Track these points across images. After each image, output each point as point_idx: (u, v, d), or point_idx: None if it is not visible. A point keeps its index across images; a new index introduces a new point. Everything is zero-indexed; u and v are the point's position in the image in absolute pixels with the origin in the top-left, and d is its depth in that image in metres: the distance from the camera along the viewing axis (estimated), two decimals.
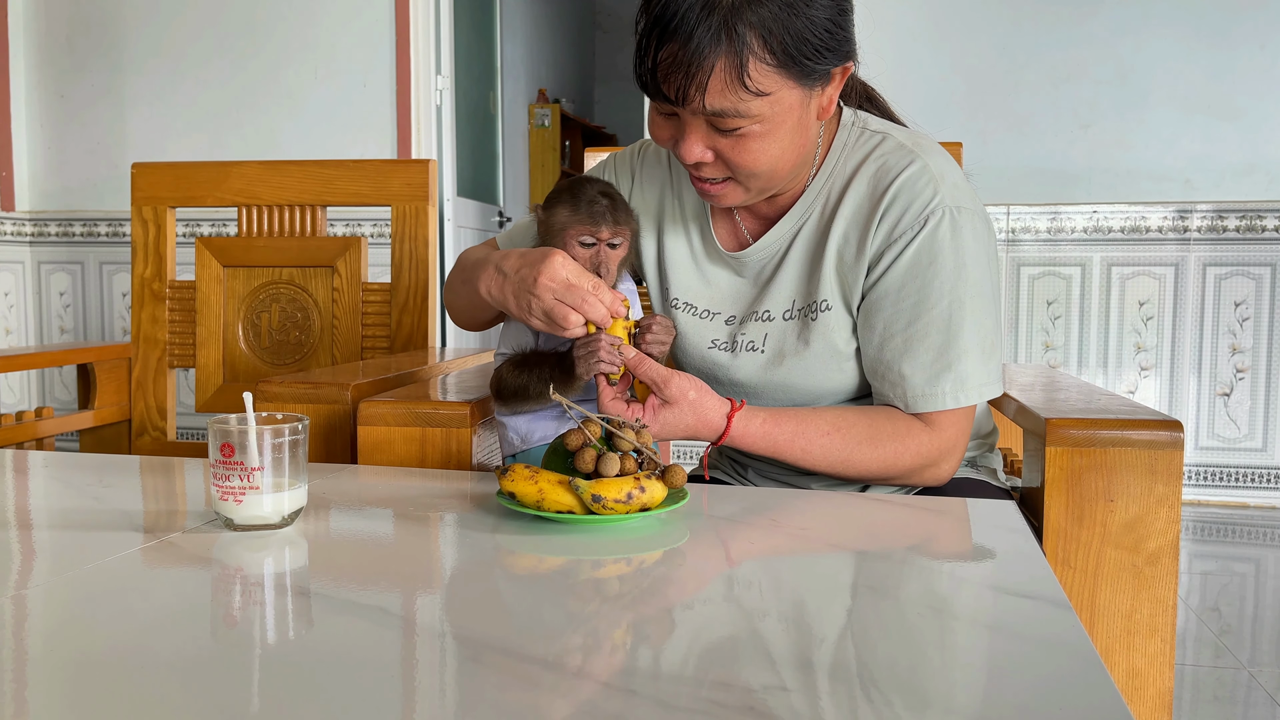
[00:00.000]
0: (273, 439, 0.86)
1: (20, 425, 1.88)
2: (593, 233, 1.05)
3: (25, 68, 4.08)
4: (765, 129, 1.00)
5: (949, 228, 1.06)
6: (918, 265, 1.06)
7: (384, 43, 3.84)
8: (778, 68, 0.97)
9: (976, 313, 1.07)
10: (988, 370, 1.08)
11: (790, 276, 1.14)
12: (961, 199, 1.07)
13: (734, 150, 1.01)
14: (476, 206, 4.66)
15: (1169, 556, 1.04)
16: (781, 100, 0.99)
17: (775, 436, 1.07)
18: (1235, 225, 3.41)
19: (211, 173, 1.90)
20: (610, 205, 1.06)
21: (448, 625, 0.67)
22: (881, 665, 0.60)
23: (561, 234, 1.06)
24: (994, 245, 1.11)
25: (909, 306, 1.07)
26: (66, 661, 0.59)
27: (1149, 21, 3.42)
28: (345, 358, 1.85)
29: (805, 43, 0.96)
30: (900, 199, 1.07)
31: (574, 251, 1.05)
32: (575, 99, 7.15)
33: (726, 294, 1.19)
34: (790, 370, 1.13)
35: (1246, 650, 2.22)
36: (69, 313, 4.17)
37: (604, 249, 1.06)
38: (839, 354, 1.12)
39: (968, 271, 1.06)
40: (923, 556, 0.85)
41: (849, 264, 1.10)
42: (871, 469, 1.08)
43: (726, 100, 0.97)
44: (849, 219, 1.10)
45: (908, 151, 1.09)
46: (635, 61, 1.00)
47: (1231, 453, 3.48)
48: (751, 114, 0.98)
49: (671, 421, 1.03)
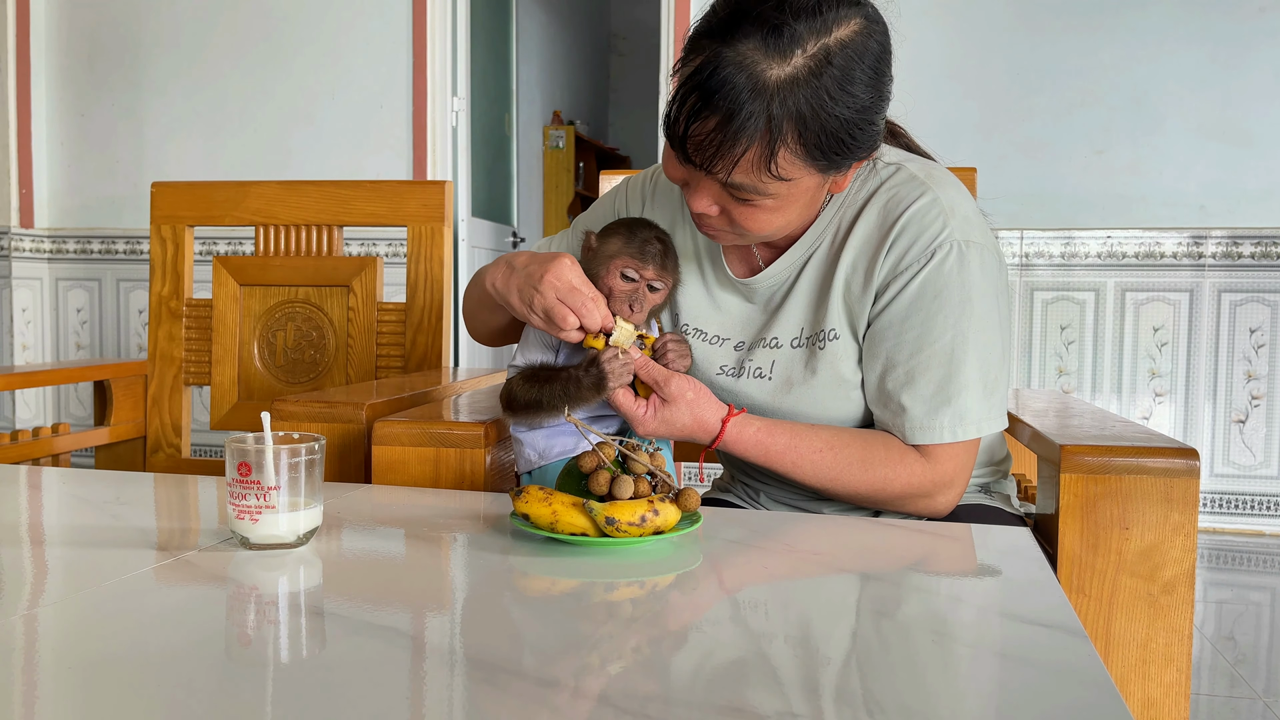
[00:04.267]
0: (289, 458, 0.86)
1: (36, 441, 1.89)
2: (639, 269, 1.06)
3: (47, 87, 4.13)
4: (777, 205, 1.01)
5: (956, 261, 1.06)
6: (923, 297, 1.06)
7: (401, 64, 3.88)
8: (805, 159, 0.97)
9: (980, 347, 1.07)
10: (989, 405, 1.08)
11: (799, 304, 1.14)
12: (971, 233, 1.07)
13: (741, 215, 1.02)
14: (491, 227, 4.68)
15: (1185, 585, 1.04)
16: (800, 184, 1.00)
17: (768, 446, 1.08)
18: (1250, 251, 3.40)
19: (230, 192, 1.92)
20: (663, 250, 1.08)
21: (460, 646, 0.67)
22: (893, 693, 0.59)
23: (609, 262, 1.07)
24: (1004, 280, 1.11)
25: (912, 338, 1.07)
26: (80, 679, 0.59)
27: (1163, 47, 3.42)
28: (360, 377, 1.86)
29: (838, 140, 0.97)
30: (909, 230, 1.07)
31: (615, 283, 1.06)
32: (590, 121, 7.18)
33: (736, 320, 1.19)
34: (798, 399, 1.13)
35: (1262, 680, 2.19)
36: (86, 329, 4.20)
37: (644, 289, 1.07)
38: (845, 383, 1.12)
39: (973, 306, 1.06)
40: (936, 582, 0.84)
41: (856, 293, 1.10)
42: (860, 490, 1.09)
43: (748, 178, 0.97)
44: (858, 248, 1.10)
45: (919, 183, 1.09)
46: (669, 112, 0.97)
47: (1247, 480, 3.46)
48: (769, 193, 0.99)
49: (669, 419, 1.05)
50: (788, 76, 0.92)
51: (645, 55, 7.25)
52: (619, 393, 1.05)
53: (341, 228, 1.90)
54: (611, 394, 1.05)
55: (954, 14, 3.51)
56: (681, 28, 3.69)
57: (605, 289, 1.07)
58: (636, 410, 1.06)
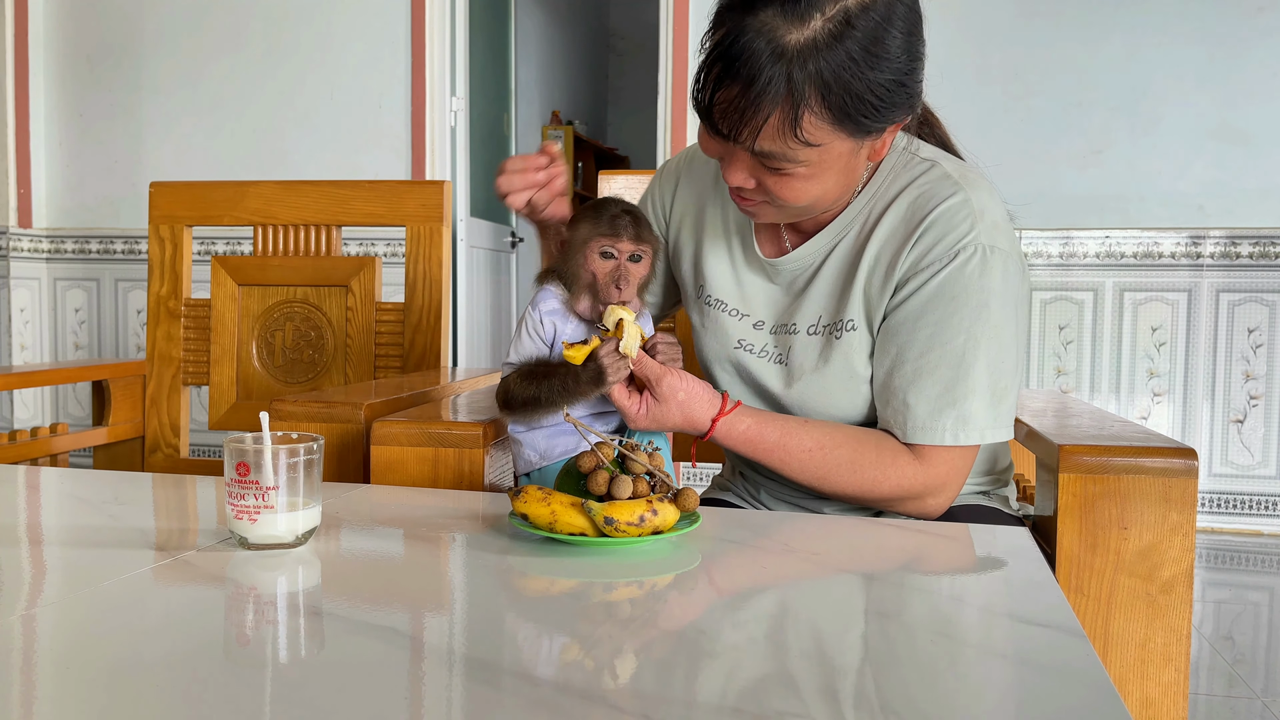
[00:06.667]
0: (288, 458, 0.86)
1: (35, 441, 1.89)
2: (614, 243, 1.06)
3: (45, 87, 4.13)
4: (810, 172, 1.01)
5: (979, 265, 1.05)
6: (940, 297, 1.06)
7: (399, 64, 3.88)
8: (832, 123, 0.97)
9: (992, 354, 1.06)
10: (995, 414, 1.07)
11: (821, 291, 1.14)
12: (997, 239, 1.06)
13: (776, 185, 1.02)
14: (489, 227, 4.68)
15: (1183, 585, 1.04)
16: (831, 150, 1.00)
17: (757, 443, 1.09)
18: (1249, 251, 3.40)
19: (228, 192, 1.92)
20: (632, 220, 1.08)
21: (459, 646, 0.67)
22: (890, 692, 0.59)
23: (584, 247, 1.07)
24: (1025, 291, 1.10)
25: (925, 336, 1.07)
26: (78, 680, 0.59)
27: (1161, 47, 3.42)
28: (358, 377, 1.85)
29: (863, 102, 0.96)
30: (935, 228, 1.06)
31: (596, 265, 1.07)
32: (588, 121, 7.18)
33: (759, 299, 1.19)
34: (806, 386, 1.13)
35: (1261, 680, 2.19)
36: (84, 329, 4.20)
37: (625, 263, 1.07)
38: (856, 376, 1.12)
39: (990, 312, 1.05)
40: (934, 582, 0.84)
41: (877, 285, 1.10)
42: (847, 491, 1.09)
43: (776, 145, 0.97)
44: (883, 241, 1.10)
45: (952, 183, 1.08)
46: (694, 84, 1.00)
47: (1245, 480, 3.46)
48: (799, 160, 0.99)
49: (660, 417, 1.07)
50: (806, 40, 0.93)
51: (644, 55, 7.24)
52: (617, 389, 1.06)
53: (340, 228, 1.90)
54: (616, 391, 1.05)
55: (952, 13, 3.51)
56: (680, 27, 3.69)
57: (588, 274, 1.07)
58: (630, 405, 1.07)
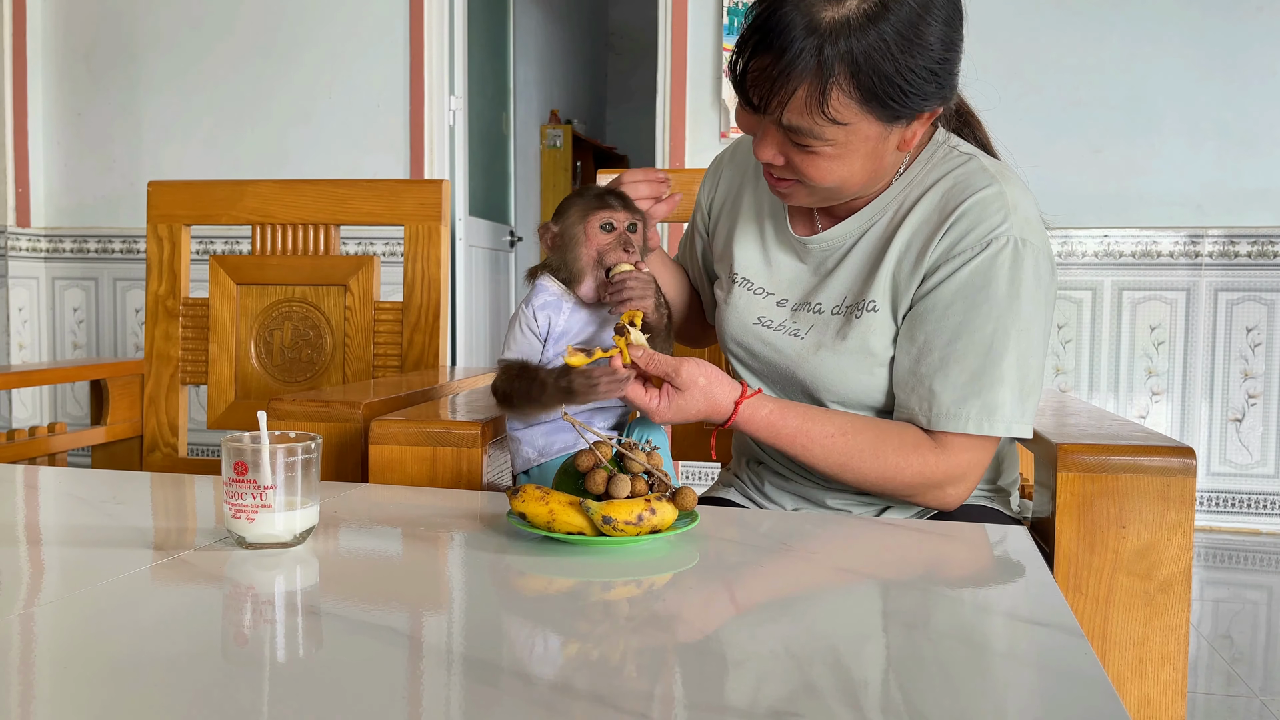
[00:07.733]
0: (286, 457, 0.86)
1: (33, 440, 1.88)
2: (610, 215, 1.09)
3: (43, 86, 4.12)
4: (837, 152, 1.02)
5: (1010, 256, 1.05)
6: (971, 286, 1.06)
7: (398, 63, 3.87)
8: (860, 102, 0.98)
9: (1020, 347, 1.06)
10: (1021, 408, 1.06)
11: (849, 272, 1.14)
12: (1030, 233, 1.06)
13: (803, 163, 1.04)
14: (488, 226, 4.68)
15: (1181, 584, 1.04)
16: (858, 131, 1.01)
17: (779, 428, 1.09)
18: (1247, 251, 3.40)
19: (226, 191, 1.91)
20: (617, 195, 1.11)
21: (457, 646, 0.67)
22: (886, 688, 0.59)
23: (580, 230, 1.09)
24: (1053, 291, 1.10)
25: (953, 325, 1.07)
26: (76, 679, 0.59)
27: (1160, 47, 3.42)
28: (356, 376, 1.85)
29: (893, 85, 0.98)
30: (968, 217, 1.06)
31: (599, 241, 1.08)
32: (587, 120, 7.18)
33: (786, 278, 1.20)
34: (821, 362, 1.13)
35: (1259, 678, 2.20)
36: (82, 329, 4.19)
37: (625, 233, 1.08)
38: (872, 357, 1.11)
39: (1020, 305, 1.05)
40: (931, 581, 0.84)
41: (906, 271, 1.10)
42: (869, 477, 1.08)
43: (803, 120, 0.99)
44: (915, 227, 1.10)
45: (988, 175, 1.09)
46: (732, 57, 1.03)
47: (1243, 479, 3.46)
48: (825, 138, 1.00)
49: (684, 406, 1.06)
50: (841, 18, 0.95)
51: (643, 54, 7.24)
52: (631, 387, 1.05)
53: (338, 227, 1.90)
54: (624, 390, 1.04)
55: None
56: (679, 26, 3.69)
57: (592, 254, 1.08)
58: (650, 402, 1.06)
